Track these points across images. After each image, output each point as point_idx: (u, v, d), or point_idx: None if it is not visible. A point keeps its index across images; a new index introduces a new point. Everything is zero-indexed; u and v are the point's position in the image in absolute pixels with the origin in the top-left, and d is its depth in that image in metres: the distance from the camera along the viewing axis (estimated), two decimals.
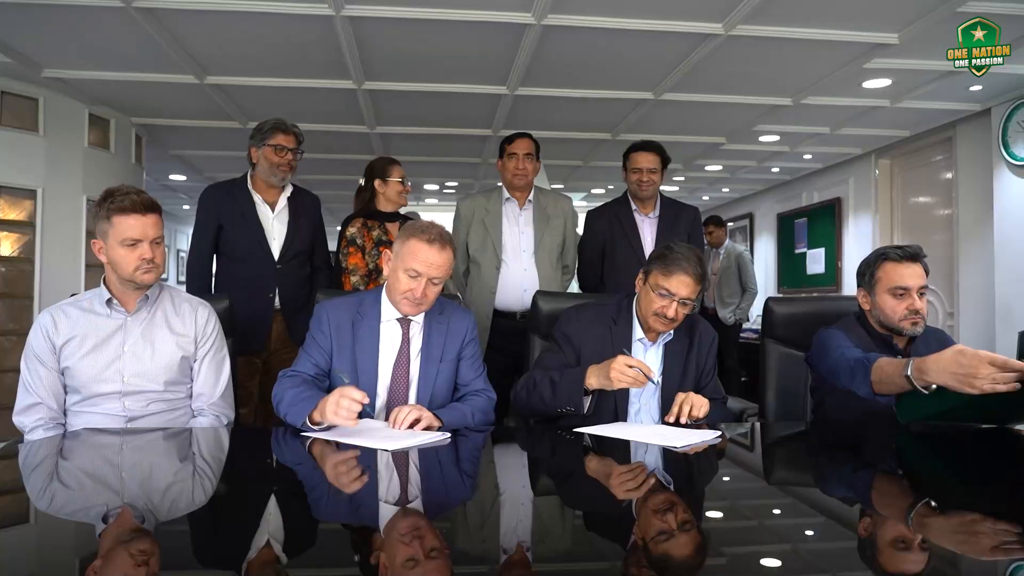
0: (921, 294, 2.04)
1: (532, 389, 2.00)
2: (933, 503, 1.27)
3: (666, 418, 1.91)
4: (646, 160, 3.24)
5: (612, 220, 3.33)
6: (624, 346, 2.10)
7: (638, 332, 2.12)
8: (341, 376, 1.89)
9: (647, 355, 2.12)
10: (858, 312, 2.21)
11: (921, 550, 1.02)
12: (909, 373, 1.70)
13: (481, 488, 1.43)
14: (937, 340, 2.20)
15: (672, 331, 2.10)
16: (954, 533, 1.09)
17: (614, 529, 1.16)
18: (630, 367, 1.82)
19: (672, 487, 1.41)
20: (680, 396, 1.89)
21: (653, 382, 1.92)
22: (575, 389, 1.91)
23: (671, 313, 1.99)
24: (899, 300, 2.04)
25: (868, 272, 2.12)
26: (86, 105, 4.73)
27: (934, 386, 1.66)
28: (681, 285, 1.98)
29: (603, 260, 3.37)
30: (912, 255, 2.06)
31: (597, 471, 1.60)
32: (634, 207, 3.33)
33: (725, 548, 1.04)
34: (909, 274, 2.04)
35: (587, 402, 1.93)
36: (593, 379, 1.90)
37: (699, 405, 1.86)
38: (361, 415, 1.72)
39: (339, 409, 1.63)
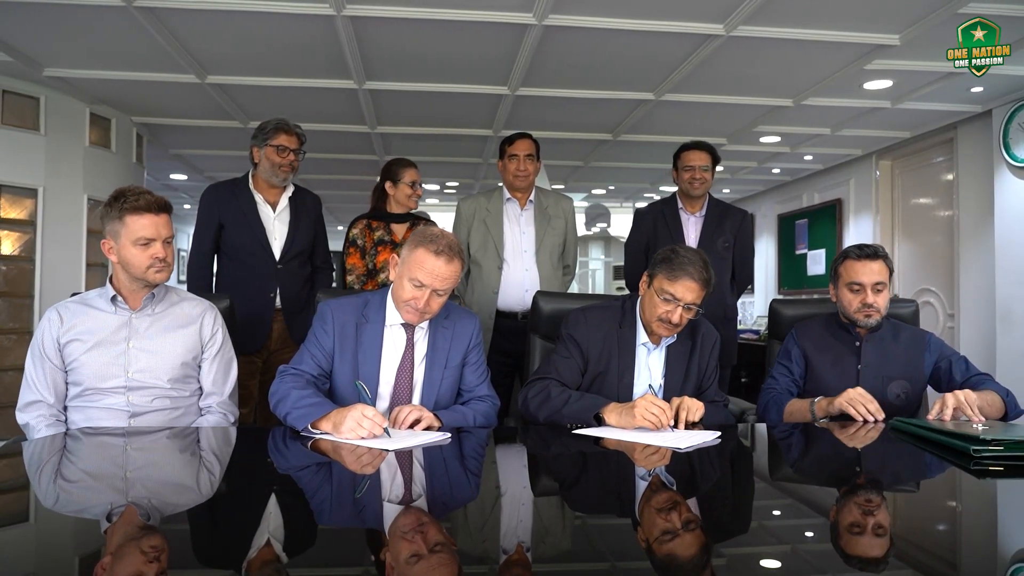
0: (878, 290, 2.18)
1: (544, 401, 1.95)
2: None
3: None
4: (699, 158, 3.25)
5: (657, 218, 3.35)
6: (629, 351, 2.09)
7: (642, 336, 2.11)
8: (363, 391, 1.77)
9: (650, 359, 2.12)
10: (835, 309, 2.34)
11: (917, 548, 1.03)
12: (812, 408, 2.07)
13: (482, 488, 1.43)
14: (911, 335, 2.29)
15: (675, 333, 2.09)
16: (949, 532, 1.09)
17: (614, 529, 1.16)
18: (655, 404, 1.78)
19: (674, 487, 1.41)
20: (675, 401, 1.85)
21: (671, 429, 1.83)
22: (586, 416, 1.88)
23: (675, 318, 1.97)
24: (855, 294, 2.20)
25: (834, 268, 2.29)
26: (87, 104, 4.73)
27: (822, 421, 2.03)
28: (687, 290, 1.95)
29: (647, 258, 3.36)
30: (870, 254, 2.20)
31: (619, 444, 1.71)
32: (680, 205, 3.34)
33: (725, 549, 1.04)
34: (865, 271, 2.18)
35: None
36: (612, 417, 1.84)
37: (694, 409, 1.84)
38: None
39: (359, 429, 1.60)
